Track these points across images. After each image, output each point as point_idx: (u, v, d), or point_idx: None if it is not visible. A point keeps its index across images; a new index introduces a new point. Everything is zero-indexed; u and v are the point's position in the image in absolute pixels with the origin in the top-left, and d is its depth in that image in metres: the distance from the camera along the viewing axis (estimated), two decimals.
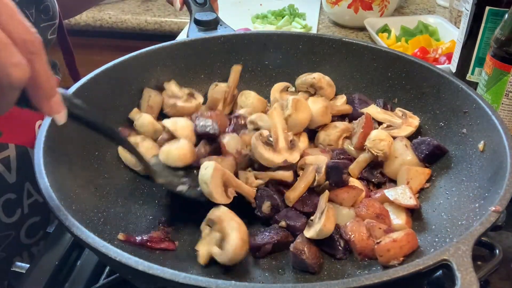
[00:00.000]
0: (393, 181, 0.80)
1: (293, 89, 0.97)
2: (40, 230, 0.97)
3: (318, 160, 0.76)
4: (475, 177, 0.70)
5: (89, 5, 1.34)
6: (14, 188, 0.89)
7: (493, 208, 0.56)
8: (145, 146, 0.82)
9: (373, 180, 0.79)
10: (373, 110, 0.88)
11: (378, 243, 0.64)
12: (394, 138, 0.81)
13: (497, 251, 0.70)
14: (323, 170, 0.73)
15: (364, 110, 0.88)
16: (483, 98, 0.75)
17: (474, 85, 0.95)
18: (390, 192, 0.73)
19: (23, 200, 0.92)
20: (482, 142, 0.72)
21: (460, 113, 0.79)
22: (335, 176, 0.72)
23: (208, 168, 0.69)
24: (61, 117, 0.56)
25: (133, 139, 0.82)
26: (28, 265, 0.75)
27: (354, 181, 0.76)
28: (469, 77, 1.10)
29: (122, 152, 0.83)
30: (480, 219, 0.55)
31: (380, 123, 0.87)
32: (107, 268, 0.75)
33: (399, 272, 0.48)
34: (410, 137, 0.83)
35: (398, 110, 0.88)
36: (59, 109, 0.55)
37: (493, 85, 0.90)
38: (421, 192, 0.78)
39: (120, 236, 0.69)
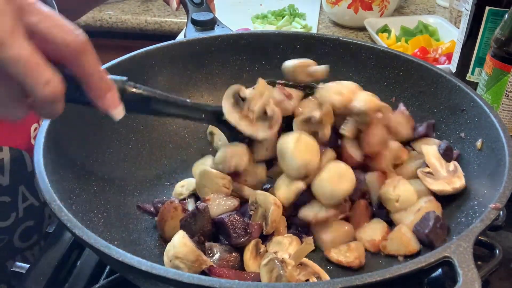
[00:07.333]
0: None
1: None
2: (34, 234, 0.96)
3: None
4: (474, 175, 0.70)
5: (90, 8, 1.34)
6: (7, 191, 0.88)
7: (493, 205, 0.56)
8: None
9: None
10: (431, 151, 0.77)
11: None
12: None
13: (497, 251, 0.70)
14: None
15: (424, 148, 0.77)
16: (480, 96, 0.75)
17: (474, 85, 0.95)
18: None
19: (18, 204, 0.91)
20: (480, 140, 0.72)
21: (458, 111, 0.79)
22: None
23: None
24: (117, 113, 0.55)
25: None
26: (28, 265, 0.75)
27: None
28: (469, 77, 1.10)
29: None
30: (480, 216, 0.55)
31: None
32: (107, 268, 0.75)
33: (401, 269, 0.48)
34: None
35: (453, 164, 0.75)
36: (114, 105, 0.55)
37: (493, 85, 0.90)
38: None
39: None
